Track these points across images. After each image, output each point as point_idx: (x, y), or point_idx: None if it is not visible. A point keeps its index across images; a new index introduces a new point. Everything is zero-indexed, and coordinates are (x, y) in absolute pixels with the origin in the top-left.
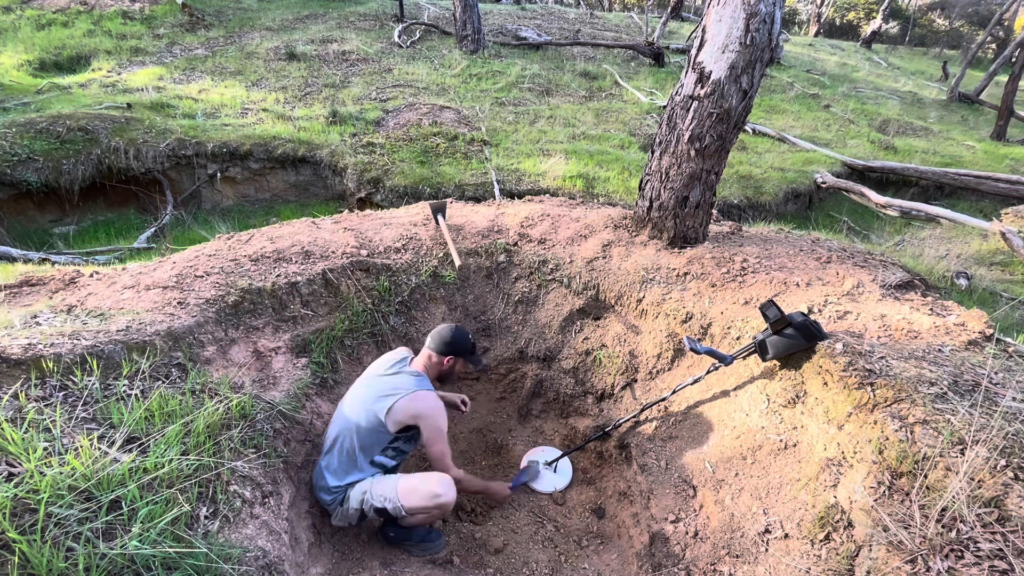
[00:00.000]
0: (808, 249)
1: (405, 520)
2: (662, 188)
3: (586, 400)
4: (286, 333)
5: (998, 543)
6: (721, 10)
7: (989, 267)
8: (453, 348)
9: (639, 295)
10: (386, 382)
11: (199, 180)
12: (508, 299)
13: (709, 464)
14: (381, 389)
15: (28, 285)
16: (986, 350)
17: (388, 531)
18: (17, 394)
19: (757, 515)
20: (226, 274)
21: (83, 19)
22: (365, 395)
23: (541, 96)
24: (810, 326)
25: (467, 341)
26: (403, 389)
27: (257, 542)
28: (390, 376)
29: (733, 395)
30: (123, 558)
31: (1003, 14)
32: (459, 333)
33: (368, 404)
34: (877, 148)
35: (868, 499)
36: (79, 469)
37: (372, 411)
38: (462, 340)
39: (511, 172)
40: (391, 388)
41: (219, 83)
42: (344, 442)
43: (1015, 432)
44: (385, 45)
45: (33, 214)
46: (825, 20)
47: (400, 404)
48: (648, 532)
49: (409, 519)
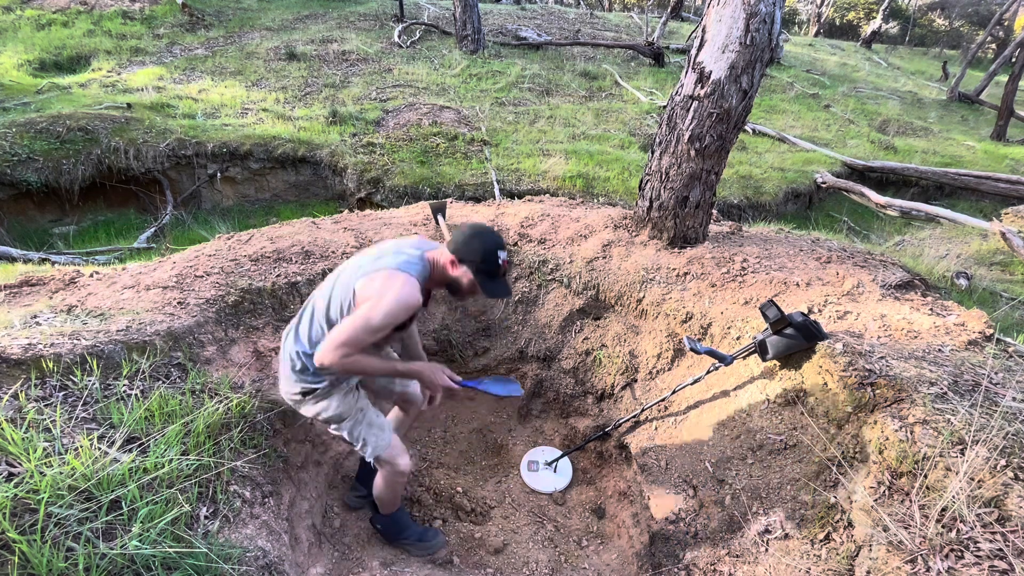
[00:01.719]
0: (808, 249)
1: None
2: (662, 188)
3: (586, 400)
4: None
5: (998, 543)
6: (721, 10)
7: (989, 267)
8: (464, 253)
9: (639, 295)
10: (381, 259)
11: (199, 180)
12: (508, 299)
13: (709, 464)
14: (370, 263)
15: (28, 285)
16: (986, 350)
17: (375, 522)
18: (17, 394)
19: (757, 515)
20: (226, 274)
21: (83, 19)
22: (357, 264)
23: (541, 96)
24: (810, 326)
25: (487, 251)
26: (386, 266)
27: (257, 542)
28: (391, 253)
29: (733, 395)
30: (123, 558)
31: (1003, 14)
32: (479, 235)
33: (348, 276)
34: (877, 148)
35: (868, 499)
36: (79, 469)
37: (348, 284)
38: (479, 247)
39: (511, 172)
40: (377, 262)
41: (219, 83)
42: (313, 305)
43: (1015, 432)
44: (385, 45)
45: (33, 214)
46: (825, 20)
47: (369, 278)
48: (648, 532)
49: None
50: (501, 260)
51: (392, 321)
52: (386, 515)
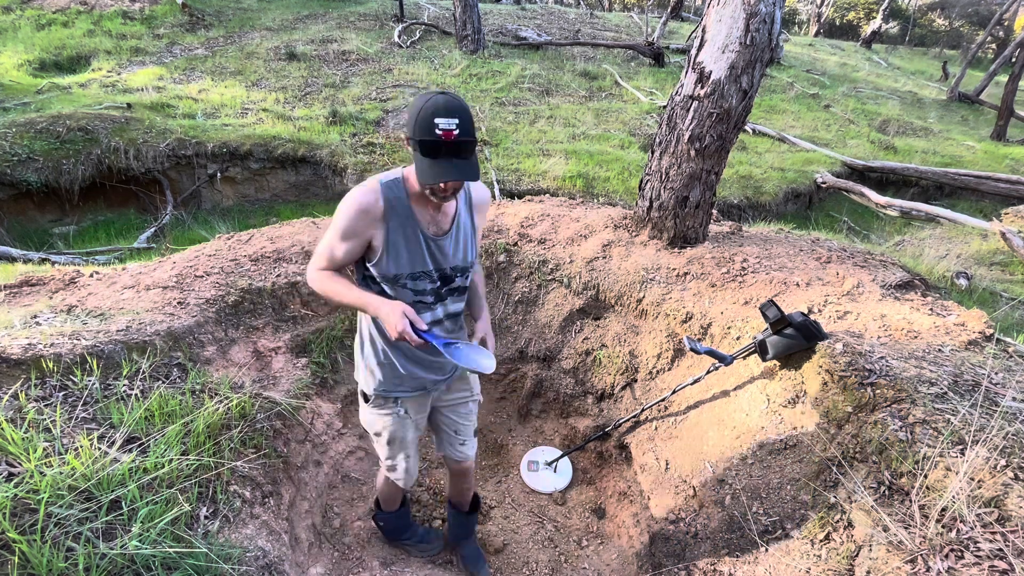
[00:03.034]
0: (808, 249)
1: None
2: (662, 188)
3: (586, 400)
4: (286, 333)
5: (998, 543)
6: (721, 10)
7: (989, 267)
8: (409, 121)
9: (639, 295)
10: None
11: (199, 180)
12: (508, 299)
13: (709, 464)
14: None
15: (28, 285)
16: (986, 350)
17: (377, 520)
18: (17, 394)
19: (757, 515)
20: (226, 274)
21: (83, 19)
22: None
23: (541, 96)
24: (810, 326)
25: (421, 116)
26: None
27: (257, 542)
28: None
29: (733, 395)
30: (123, 558)
31: (1003, 14)
32: (419, 98)
33: None
34: (877, 148)
35: (868, 499)
36: (79, 469)
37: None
38: (413, 111)
39: (511, 172)
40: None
41: (219, 83)
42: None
43: (1015, 432)
44: (385, 45)
45: (33, 214)
46: (825, 20)
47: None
48: (648, 532)
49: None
50: (440, 129)
51: (347, 222)
52: (388, 513)
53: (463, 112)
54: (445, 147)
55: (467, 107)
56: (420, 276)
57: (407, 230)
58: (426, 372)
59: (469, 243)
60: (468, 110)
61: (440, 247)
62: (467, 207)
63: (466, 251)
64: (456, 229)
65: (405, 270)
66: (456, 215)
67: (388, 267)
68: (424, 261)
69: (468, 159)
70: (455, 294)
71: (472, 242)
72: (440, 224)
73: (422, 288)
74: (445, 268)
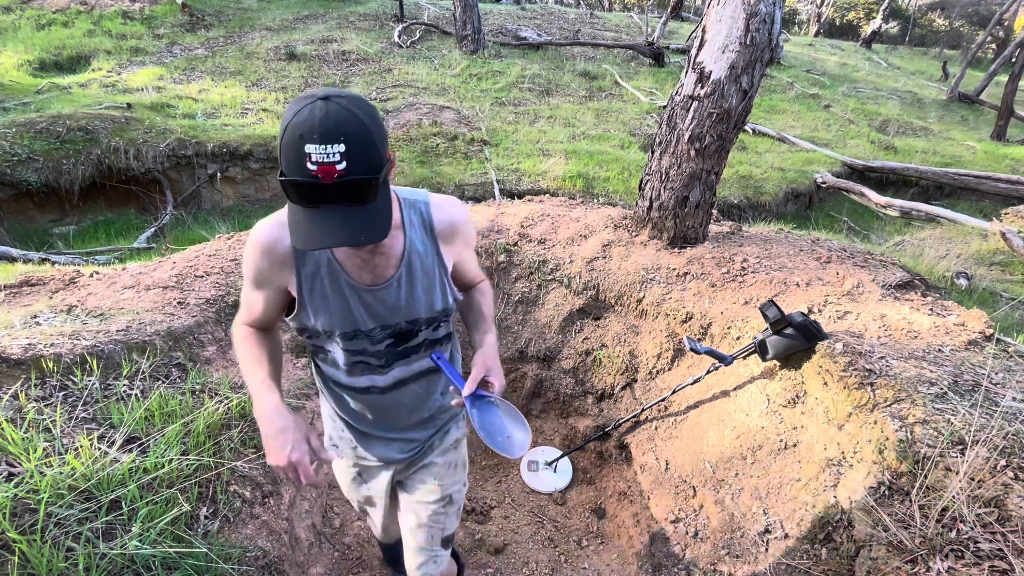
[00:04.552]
0: (808, 249)
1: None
2: (662, 188)
3: (586, 400)
4: (286, 333)
5: (998, 543)
6: (721, 10)
7: (989, 267)
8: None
9: (639, 295)
10: None
11: (199, 180)
12: (508, 299)
13: (709, 464)
14: None
15: (28, 285)
16: (986, 350)
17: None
18: (17, 394)
19: (757, 515)
20: (226, 274)
21: (83, 19)
22: None
23: (541, 96)
24: (810, 326)
25: (285, 141)
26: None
27: (257, 542)
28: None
29: (733, 395)
30: (123, 558)
31: (1003, 14)
32: (291, 110)
33: None
34: (877, 148)
35: (868, 499)
36: (79, 469)
37: None
38: (283, 129)
39: (511, 172)
40: None
41: (219, 83)
42: None
43: (1015, 432)
44: (385, 45)
45: (33, 214)
46: (825, 20)
47: None
48: (648, 532)
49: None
50: (313, 163)
51: (251, 266)
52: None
53: (355, 129)
54: (322, 192)
55: (365, 119)
56: (355, 336)
57: (328, 279)
58: (368, 445)
59: (434, 286)
60: (366, 123)
61: (381, 299)
62: (426, 237)
63: (431, 297)
64: (407, 272)
65: (336, 328)
66: (404, 254)
67: (307, 320)
68: (355, 319)
69: (364, 206)
70: (424, 349)
71: (440, 282)
72: (377, 270)
73: (359, 348)
74: (396, 323)
